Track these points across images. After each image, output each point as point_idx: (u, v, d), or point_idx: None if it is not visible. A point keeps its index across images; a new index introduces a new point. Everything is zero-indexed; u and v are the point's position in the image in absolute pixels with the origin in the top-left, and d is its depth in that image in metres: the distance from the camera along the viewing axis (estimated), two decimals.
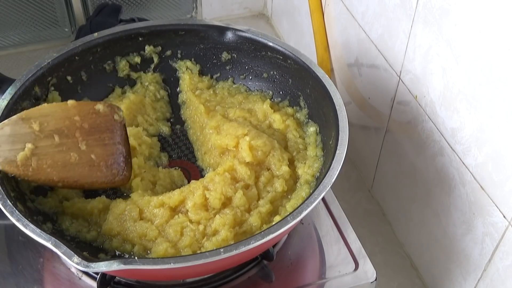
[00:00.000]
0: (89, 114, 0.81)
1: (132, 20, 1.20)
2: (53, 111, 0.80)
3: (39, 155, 0.77)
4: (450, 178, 0.90)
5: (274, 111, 0.96)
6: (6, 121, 0.76)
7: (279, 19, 1.55)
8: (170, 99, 1.03)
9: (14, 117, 0.77)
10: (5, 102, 0.83)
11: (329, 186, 0.74)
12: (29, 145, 0.76)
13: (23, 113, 0.78)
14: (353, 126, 0.90)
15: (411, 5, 0.90)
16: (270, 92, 1.00)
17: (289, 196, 0.84)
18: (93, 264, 0.65)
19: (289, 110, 0.97)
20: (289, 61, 0.94)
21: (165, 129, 0.99)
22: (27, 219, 0.70)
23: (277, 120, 0.95)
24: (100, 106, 0.82)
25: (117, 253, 0.79)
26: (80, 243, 0.79)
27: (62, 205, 0.82)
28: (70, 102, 0.81)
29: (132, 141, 0.90)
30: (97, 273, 0.80)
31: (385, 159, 1.10)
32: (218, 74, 1.03)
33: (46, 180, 0.78)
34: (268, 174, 0.86)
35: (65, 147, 0.79)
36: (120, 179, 0.84)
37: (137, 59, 1.00)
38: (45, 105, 0.82)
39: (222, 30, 0.98)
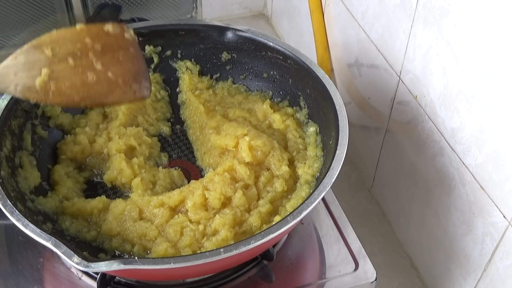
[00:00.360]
0: (99, 35, 0.80)
1: (132, 20, 1.20)
2: (63, 36, 0.79)
3: (57, 79, 0.76)
4: (450, 178, 0.90)
5: (274, 111, 0.96)
6: (18, 50, 0.76)
7: (279, 19, 1.55)
8: (170, 99, 1.03)
9: (25, 46, 0.76)
10: (5, 102, 0.83)
11: (329, 186, 0.74)
12: (44, 70, 0.75)
13: (34, 41, 0.78)
14: (353, 126, 0.90)
15: (411, 5, 0.90)
16: (270, 92, 1.00)
17: (289, 196, 0.84)
18: (93, 264, 0.65)
19: (289, 110, 0.97)
20: (289, 61, 0.94)
21: (165, 129, 0.99)
22: (27, 219, 0.70)
23: (277, 120, 0.95)
24: (109, 27, 0.81)
25: (117, 253, 0.79)
26: (80, 243, 0.79)
27: (62, 205, 0.82)
28: (79, 25, 0.80)
29: (132, 141, 0.90)
30: (97, 273, 0.80)
31: (385, 159, 1.10)
32: (218, 74, 1.03)
33: (68, 102, 0.77)
34: (268, 174, 0.86)
35: (81, 68, 0.78)
36: (140, 94, 0.82)
37: None
38: (54, 31, 0.81)
39: (222, 30, 0.98)
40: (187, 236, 0.77)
